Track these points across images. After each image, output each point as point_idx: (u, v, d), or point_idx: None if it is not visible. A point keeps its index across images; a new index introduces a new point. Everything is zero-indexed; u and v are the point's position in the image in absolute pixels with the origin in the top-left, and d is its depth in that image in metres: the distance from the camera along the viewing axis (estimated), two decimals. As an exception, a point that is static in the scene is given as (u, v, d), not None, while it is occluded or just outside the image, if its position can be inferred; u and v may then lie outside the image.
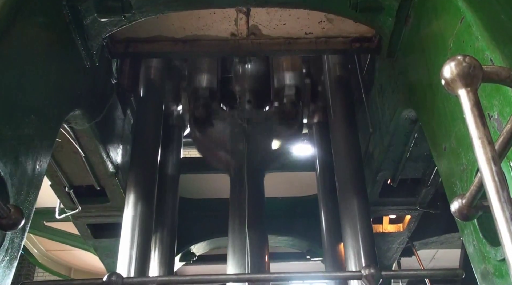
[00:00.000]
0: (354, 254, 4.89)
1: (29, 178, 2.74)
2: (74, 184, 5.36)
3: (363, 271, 2.48)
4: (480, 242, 2.28)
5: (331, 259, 5.94)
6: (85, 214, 5.81)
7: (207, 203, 7.51)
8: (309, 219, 7.10)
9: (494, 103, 2.10)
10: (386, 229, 6.58)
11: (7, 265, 2.44)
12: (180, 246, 6.65)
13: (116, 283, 2.50)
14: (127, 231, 5.01)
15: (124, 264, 4.83)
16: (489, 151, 1.26)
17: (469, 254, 2.49)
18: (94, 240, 6.44)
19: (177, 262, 7.05)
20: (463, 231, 2.50)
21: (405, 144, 4.67)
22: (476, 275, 2.40)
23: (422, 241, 7.39)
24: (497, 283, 2.15)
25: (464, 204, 1.80)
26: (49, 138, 3.09)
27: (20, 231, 2.56)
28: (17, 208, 2.16)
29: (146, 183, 5.34)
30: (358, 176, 5.22)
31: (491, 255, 2.16)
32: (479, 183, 1.59)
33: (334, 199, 5.72)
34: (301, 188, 7.47)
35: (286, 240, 7.49)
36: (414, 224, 6.40)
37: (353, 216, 5.06)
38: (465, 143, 2.48)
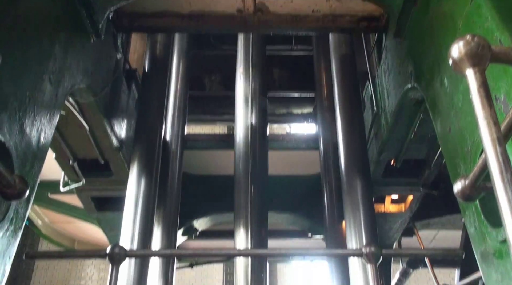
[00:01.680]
0: (355, 232, 4.92)
1: (33, 149, 2.75)
2: (78, 157, 5.39)
3: (363, 249, 2.50)
4: (481, 223, 2.29)
5: (332, 237, 5.98)
6: (89, 187, 5.85)
7: (210, 179, 7.55)
8: (311, 197, 7.13)
9: (501, 85, 2.09)
10: (388, 209, 6.61)
11: (12, 234, 2.47)
12: (182, 221, 6.70)
13: (119, 255, 2.53)
14: (130, 205, 5.05)
15: (127, 237, 4.88)
16: (495, 131, 1.26)
17: (470, 235, 2.50)
18: (98, 213, 6.51)
19: (180, 236, 7.12)
20: (464, 212, 2.51)
21: (409, 125, 4.66)
22: (476, 255, 2.41)
23: (423, 222, 7.42)
24: (497, 264, 2.16)
25: (467, 184, 1.80)
26: (54, 111, 3.10)
27: (24, 202, 2.59)
28: (22, 178, 2.18)
29: (150, 157, 5.37)
30: (362, 156, 5.23)
31: (492, 236, 2.17)
32: (483, 164, 1.59)
33: (337, 178, 5.74)
34: (304, 167, 7.49)
35: (288, 217, 7.53)
36: (416, 205, 6.42)
37: (355, 195, 5.08)
38: (470, 124, 2.47)
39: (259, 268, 5.01)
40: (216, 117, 9.30)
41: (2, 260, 2.39)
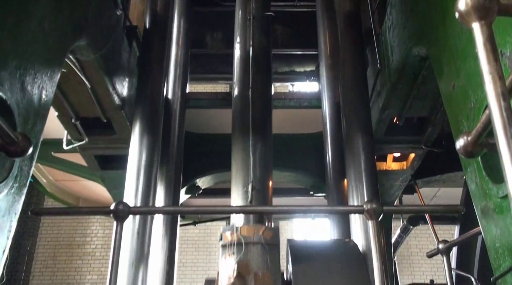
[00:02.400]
0: (356, 190, 4.96)
1: (35, 107, 2.75)
2: (80, 116, 5.39)
3: (365, 205, 2.52)
4: (482, 180, 2.30)
5: (334, 195, 6.03)
6: (92, 146, 5.88)
7: (212, 137, 7.56)
8: (313, 155, 7.16)
9: (508, 40, 2.06)
10: (389, 166, 6.64)
11: (17, 191, 2.50)
12: (185, 179, 6.75)
13: (122, 211, 2.55)
14: (133, 163, 5.08)
15: (130, 195, 4.93)
16: (499, 86, 1.24)
17: (471, 191, 2.52)
18: (101, 171, 6.56)
19: (183, 194, 7.19)
20: (466, 168, 2.52)
21: (413, 82, 4.62)
22: (477, 211, 2.44)
23: (424, 179, 7.46)
24: (497, 219, 2.19)
25: (469, 141, 1.80)
26: (54, 68, 3.07)
27: (28, 159, 2.61)
28: (25, 135, 2.19)
29: (152, 116, 5.35)
30: (364, 114, 5.21)
31: (493, 192, 2.18)
32: (486, 120, 1.58)
33: (339, 136, 5.74)
34: (306, 125, 7.48)
35: (290, 175, 7.58)
36: (417, 162, 6.44)
37: (357, 153, 5.08)
38: (475, 81, 2.45)
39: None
40: (218, 76, 9.23)
41: (9, 216, 2.42)
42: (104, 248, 16.38)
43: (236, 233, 4.15)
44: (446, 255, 3.25)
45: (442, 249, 3.26)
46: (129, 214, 2.62)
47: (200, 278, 16.10)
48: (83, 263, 16.29)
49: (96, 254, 16.41)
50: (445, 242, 3.25)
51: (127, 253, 4.60)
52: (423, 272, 15.76)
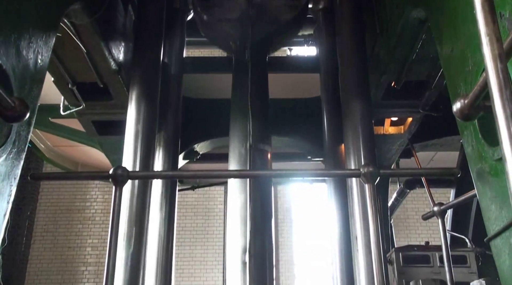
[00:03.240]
0: (354, 154, 4.99)
1: (31, 72, 2.73)
2: (77, 81, 5.36)
3: (361, 169, 2.54)
4: (478, 143, 2.31)
5: (331, 159, 6.06)
6: (89, 111, 5.87)
7: (210, 102, 7.54)
8: (311, 120, 7.16)
9: (507, 1, 2.04)
10: (387, 130, 6.66)
11: (15, 156, 2.51)
12: (183, 144, 6.76)
13: (121, 176, 2.57)
14: (131, 128, 5.08)
15: (129, 160, 4.95)
16: (497, 48, 1.24)
17: (467, 154, 2.54)
18: (100, 137, 6.57)
19: (181, 160, 7.22)
20: (462, 132, 2.53)
21: (412, 45, 4.59)
22: (472, 174, 2.46)
23: (421, 143, 7.50)
24: (492, 181, 2.22)
25: (466, 104, 1.81)
26: (49, 33, 3.04)
27: (26, 124, 2.61)
28: (22, 100, 2.18)
29: (149, 81, 5.32)
30: (362, 78, 5.19)
31: (489, 154, 2.20)
32: (483, 83, 1.59)
33: (337, 101, 5.73)
34: (304, 90, 7.45)
35: (288, 140, 7.59)
36: (415, 127, 6.46)
37: (355, 117, 5.09)
38: (473, 44, 2.44)
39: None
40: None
41: (8, 181, 2.44)
42: (104, 213, 16.57)
43: None
44: (441, 217, 3.30)
45: (437, 212, 3.31)
46: (128, 179, 2.64)
47: (199, 242, 16.35)
48: (83, 227, 16.50)
49: (96, 218, 16.61)
50: (440, 205, 3.30)
51: (126, 217, 4.65)
52: (419, 234, 16.04)
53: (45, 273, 15.74)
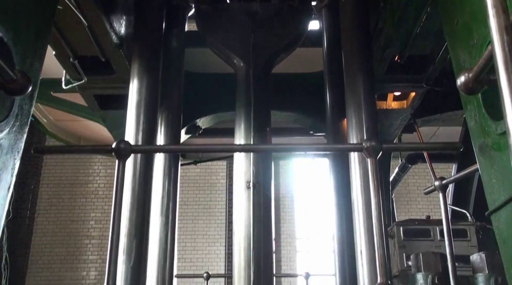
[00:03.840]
0: (356, 129, 4.98)
1: (32, 45, 2.71)
2: (78, 55, 5.33)
3: (364, 143, 2.54)
4: (482, 117, 2.31)
5: (333, 134, 6.06)
6: (91, 85, 5.85)
7: (212, 77, 7.50)
8: (313, 95, 7.13)
9: (514, -28, 2.00)
10: (390, 105, 6.63)
11: (19, 130, 2.52)
12: (186, 119, 6.76)
13: (124, 150, 2.57)
14: (133, 103, 5.07)
15: (131, 135, 4.96)
16: (503, 19, 1.23)
17: (469, 129, 2.54)
18: (102, 111, 6.56)
19: (183, 135, 7.22)
20: (466, 106, 2.52)
21: (416, 19, 4.54)
22: (475, 149, 2.46)
23: (424, 118, 7.49)
24: (494, 156, 2.22)
25: (470, 77, 1.80)
26: (49, 6, 3.01)
27: (28, 98, 2.60)
28: (24, 73, 2.18)
29: (151, 55, 5.30)
30: (366, 52, 5.15)
31: (492, 129, 2.20)
32: (488, 55, 1.57)
33: (339, 75, 5.70)
34: (307, 64, 7.41)
35: (290, 115, 7.58)
36: (418, 101, 6.44)
37: (357, 92, 5.07)
38: (479, 17, 2.41)
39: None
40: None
41: (12, 154, 2.45)
42: (106, 187, 16.68)
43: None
44: (442, 192, 3.31)
45: (439, 186, 3.32)
46: (130, 153, 2.65)
47: (201, 216, 16.50)
48: (87, 201, 16.65)
49: (99, 192, 16.73)
50: (442, 179, 3.31)
51: (129, 192, 4.68)
52: (420, 209, 16.15)
53: (49, 246, 15.94)
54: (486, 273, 4.22)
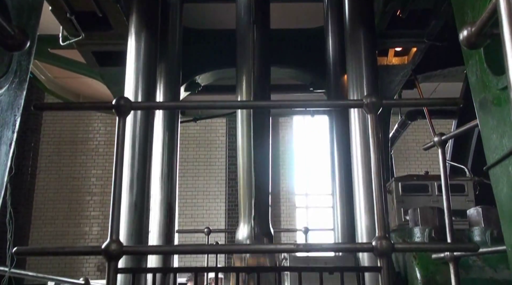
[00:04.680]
0: (356, 85, 4.97)
1: (28, 0, 2.67)
2: (75, 10, 5.24)
3: (364, 99, 2.52)
4: (483, 72, 2.29)
5: (333, 91, 6.05)
6: (88, 42, 5.79)
7: (211, 33, 7.41)
8: (314, 51, 7.06)
9: None
10: (390, 61, 6.58)
11: (18, 86, 2.51)
12: (185, 76, 6.72)
13: (124, 107, 2.56)
14: (132, 59, 5.03)
15: (130, 91, 4.95)
16: (508, -29, 1.21)
17: (470, 84, 2.53)
18: (100, 68, 6.51)
19: (183, 92, 7.20)
20: (468, 61, 2.50)
21: (419, -28, 4.45)
22: (475, 104, 2.46)
23: (425, 74, 7.44)
24: (494, 111, 2.22)
25: (473, 31, 1.78)
26: (45, -42, 2.95)
27: (26, 54, 2.58)
28: (21, 29, 2.15)
29: (149, 10, 5.22)
30: (367, 7, 5.08)
31: (493, 84, 2.19)
32: (493, 9, 1.55)
33: (340, 31, 5.64)
34: (307, 20, 7.30)
35: (290, 72, 7.53)
36: (419, 57, 6.38)
37: (358, 47, 5.03)
38: (483, -32, 2.36)
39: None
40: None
41: (12, 111, 2.45)
42: (106, 144, 16.74)
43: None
44: (441, 148, 3.33)
45: (438, 142, 3.34)
46: (131, 109, 2.64)
47: (201, 173, 16.63)
48: (87, 158, 16.74)
49: (100, 150, 16.81)
50: (441, 135, 3.32)
51: (129, 149, 4.70)
52: (418, 165, 16.26)
53: (51, 202, 16.15)
54: (482, 226, 4.30)
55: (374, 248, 2.21)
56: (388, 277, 2.19)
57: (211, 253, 7.21)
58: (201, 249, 2.83)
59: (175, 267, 5.10)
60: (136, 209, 4.57)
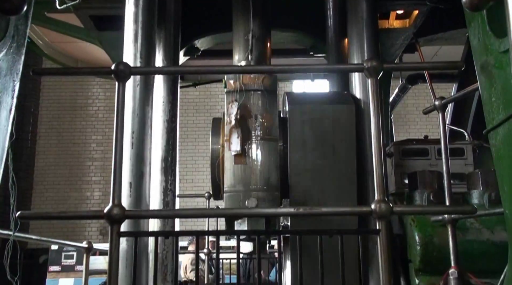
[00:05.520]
0: (357, 49, 4.94)
1: (24, -38, 2.62)
2: (71, -28, 5.16)
3: (365, 63, 2.51)
4: (485, 34, 2.28)
5: (334, 55, 6.00)
6: (86, 5, 5.71)
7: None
8: (314, 14, 6.96)
9: None
10: (392, 24, 6.50)
11: (16, 51, 2.50)
12: (184, 40, 6.64)
13: (123, 72, 2.55)
14: (130, 23, 4.96)
15: (129, 56, 4.90)
16: None
17: (472, 47, 2.51)
18: (98, 32, 6.45)
19: (182, 57, 7.13)
20: (470, 23, 2.48)
21: None
22: (476, 67, 2.45)
23: (426, 37, 7.36)
24: (495, 74, 2.21)
25: (476, -7, 1.76)
26: None
27: (23, 18, 2.55)
28: (18, -8, 2.13)
29: (147, -28, 5.12)
30: (368, -32, 4.98)
31: (495, 46, 2.18)
32: (496, -31, 1.53)
33: (341, -7, 5.55)
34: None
35: (290, 35, 7.44)
36: (420, 20, 6.31)
37: (359, 11, 4.97)
38: None
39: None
40: None
41: (11, 76, 2.45)
42: (106, 110, 16.72)
43: (238, 81, 4.63)
44: (442, 111, 3.34)
45: (438, 106, 3.34)
46: (130, 74, 2.63)
47: (201, 138, 16.68)
48: (87, 124, 16.75)
49: (99, 115, 16.80)
50: (442, 99, 3.32)
51: (129, 114, 4.70)
52: (418, 129, 16.29)
53: (52, 167, 16.25)
54: (481, 189, 4.34)
55: (373, 211, 2.24)
56: (387, 240, 2.22)
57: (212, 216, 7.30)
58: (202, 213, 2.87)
59: (177, 231, 5.18)
60: (137, 174, 4.60)
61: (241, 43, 4.85)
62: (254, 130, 4.56)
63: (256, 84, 4.64)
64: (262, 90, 4.69)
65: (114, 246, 2.20)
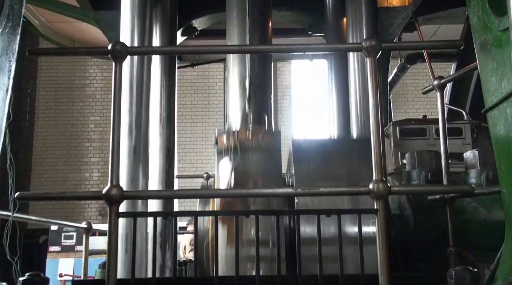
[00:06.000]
0: (356, 28, 4.90)
1: None
2: (66, -50, 5.09)
3: (363, 43, 2.49)
4: (485, 13, 2.26)
5: (333, 35, 5.96)
6: (81, -16, 5.64)
7: (208, -26, 7.21)
8: (312, -7, 6.90)
9: None
10: (391, 3, 6.44)
11: (11, 31, 2.47)
12: (181, 20, 6.59)
13: (120, 52, 2.53)
14: (127, 2, 4.92)
15: (126, 36, 4.86)
16: None
17: (472, 26, 2.49)
18: (95, 12, 6.38)
19: (179, 37, 7.08)
20: (469, 2, 2.46)
21: None
22: (476, 46, 2.43)
23: (426, 16, 7.31)
24: (495, 52, 2.20)
25: (476, -30, 1.74)
26: None
27: (18, -3, 2.53)
28: (12, -29, 2.10)
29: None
30: None
31: (494, 25, 2.16)
32: None
33: (340, -29, 5.48)
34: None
35: (288, 15, 7.39)
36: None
37: (358, -11, 4.92)
38: None
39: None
40: None
41: (7, 56, 2.43)
42: (104, 91, 16.65)
43: (233, 138, 3.87)
44: (440, 91, 3.32)
45: (437, 85, 3.33)
46: (127, 54, 2.60)
47: (199, 119, 16.65)
48: (85, 105, 16.70)
49: (97, 96, 16.74)
50: (440, 78, 3.31)
51: (127, 95, 4.68)
52: (417, 109, 16.27)
53: (51, 148, 16.25)
54: (478, 169, 4.35)
55: (371, 191, 2.24)
56: (385, 219, 2.24)
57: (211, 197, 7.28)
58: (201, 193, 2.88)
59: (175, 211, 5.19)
60: (136, 154, 4.60)
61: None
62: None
63: (254, 141, 3.83)
64: (262, 149, 3.86)
65: (113, 227, 2.21)
